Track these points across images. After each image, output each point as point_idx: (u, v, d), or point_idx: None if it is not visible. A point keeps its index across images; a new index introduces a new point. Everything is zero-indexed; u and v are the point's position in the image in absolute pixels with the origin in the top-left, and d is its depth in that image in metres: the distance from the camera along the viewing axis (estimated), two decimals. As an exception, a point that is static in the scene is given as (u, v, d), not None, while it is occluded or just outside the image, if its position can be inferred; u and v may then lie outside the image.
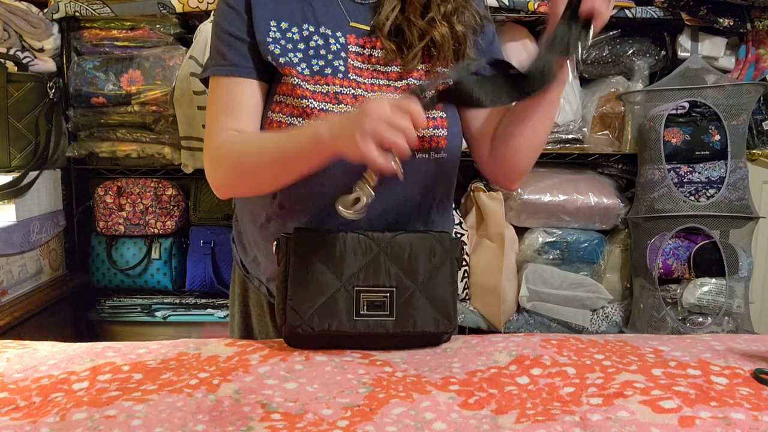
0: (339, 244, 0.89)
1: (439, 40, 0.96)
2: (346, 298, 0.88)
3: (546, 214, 1.95)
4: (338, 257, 0.89)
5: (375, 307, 0.89)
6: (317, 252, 0.89)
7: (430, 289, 0.90)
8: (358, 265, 0.89)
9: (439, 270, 0.91)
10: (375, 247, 0.90)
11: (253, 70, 0.96)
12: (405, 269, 0.90)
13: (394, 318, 0.88)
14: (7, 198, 1.68)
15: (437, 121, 0.97)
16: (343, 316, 0.88)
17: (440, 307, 0.90)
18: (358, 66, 0.97)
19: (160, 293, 2.04)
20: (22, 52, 1.84)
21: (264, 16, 0.95)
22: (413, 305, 0.89)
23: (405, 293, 0.89)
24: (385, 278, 0.89)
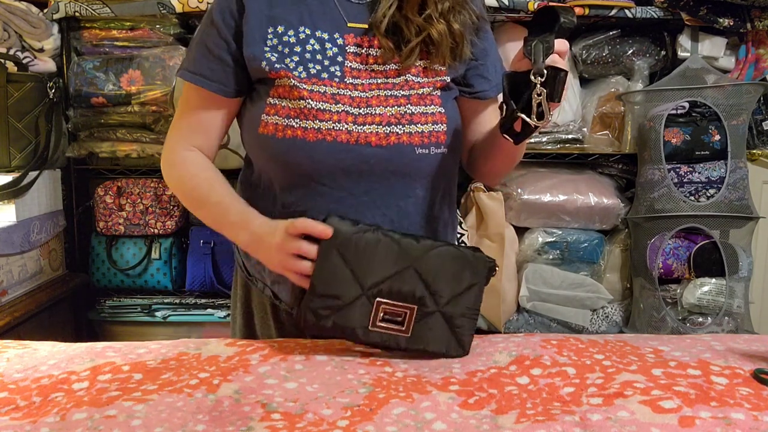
0: (369, 248, 0.86)
1: (437, 37, 0.96)
2: (365, 307, 0.86)
3: (546, 214, 1.95)
4: (366, 262, 0.85)
5: (392, 321, 0.86)
6: (346, 252, 0.86)
7: (451, 313, 0.87)
8: (384, 275, 0.86)
9: (465, 295, 0.88)
10: (406, 260, 0.86)
11: (224, 89, 1.00)
12: (432, 287, 0.86)
13: (409, 335, 0.86)
14: (7, 198, 1.68)
15: (436, 116, 0.97)
16: (358, 325, 0.86)
17: (457, 333, 0.88)
18: (355, 67, 0.97)
19: (160, 293, 2.04)
20: (22, 52, 1.84)
21: (260, 26, 0.96)
22: (431, 326, 0.87)
23: (425, 312, 0.86)
24: (409, 294, 0.86)
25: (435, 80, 0.98)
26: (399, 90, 0.97)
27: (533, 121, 0.84)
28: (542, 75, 0.82)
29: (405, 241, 0.87)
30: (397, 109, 0.96)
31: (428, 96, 0.98)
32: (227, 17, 0.98)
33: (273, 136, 0.94)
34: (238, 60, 0.98)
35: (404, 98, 0.96)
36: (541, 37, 0.84)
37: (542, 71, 0.82)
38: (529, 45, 0.84)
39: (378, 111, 0.95)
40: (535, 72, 0.82)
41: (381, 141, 0.94)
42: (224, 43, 0.98)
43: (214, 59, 0.99)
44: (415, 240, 0.87)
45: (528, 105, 0.84)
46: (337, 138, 0.93)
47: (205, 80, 0.99)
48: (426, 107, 0.97)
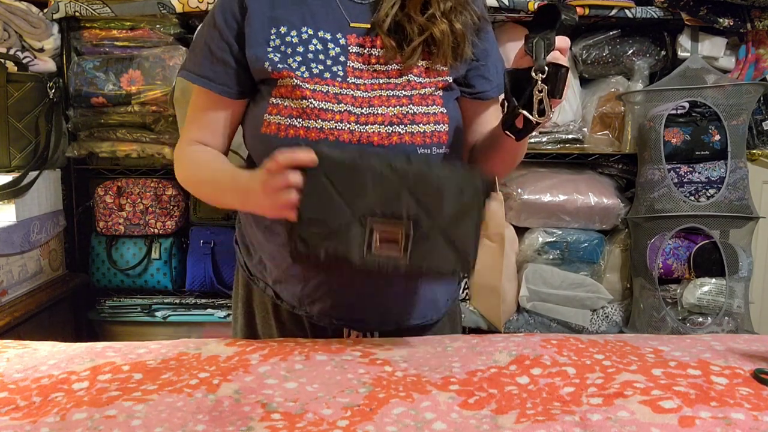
0: (359, 170, 0.82)
1: (439, 36, 0.96)
2: (358, 231, 0.82)
3: (546, 214, 1.95)
4: (355, 186, 0.82)
5: (388, 245, 0.82)
6: (334, 178, 0.82)
7: (451, 232, 0.83)
8: (376, 197, 0.82)
9: (465, 212, 0.83)
10: (398, 180, 0.82)
11: (227, 90, 1.01)
12: (427, 206, 0.82)
13: (408, 258, 0.82)
14: (7, 198, 1.68)
15: (438, 116, 0.97)
16: (353, 251, 0.82)
17: (460, 252, 0.83)
18: (357, 68, 0.97)
19: (160, 293, 2.04)
20: (22, 52, 1.84)
21: (263, 27, 0.96)
22: (430, 246, 0.82)
23: (423, 232, 0.82)
24: (403, 214, 0.82)
25: (437, 80, 0.99)
26: (401, 90, 0.97)
27: (535, 118, 0.84)
28: (543, 72, 0.82)
29: (396, 161, 0.84)
30: (399, 109, 0.96)
31: (430, 96, 0.98)
32: (229, 19, 0.98)
33: (275, 136, 0.95)
34: (241, 61, 0.99)
35: (406, 98, 0.96)
36: (542, 34, 0.84)
37: (543, 68, 0.82)
38: (531, 42, 0.84)
39: (380, 111, 0.95)
40: (536, 69, 0.82)
41: (383, 141, 0.94)
42: (226, 45, 0.99)
43: (217, 61, 0.99)
44: (406, 160, 0.84)
45: (529, 102, 0.84)
46: (339, 138, 0.93)
47: (209, 82, 1.00)
48: (428, 107, 0.97)
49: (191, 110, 1.06)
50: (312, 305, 1.03)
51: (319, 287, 1.02)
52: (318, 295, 1.02)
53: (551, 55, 0.83)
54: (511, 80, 0.87)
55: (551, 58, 0.83)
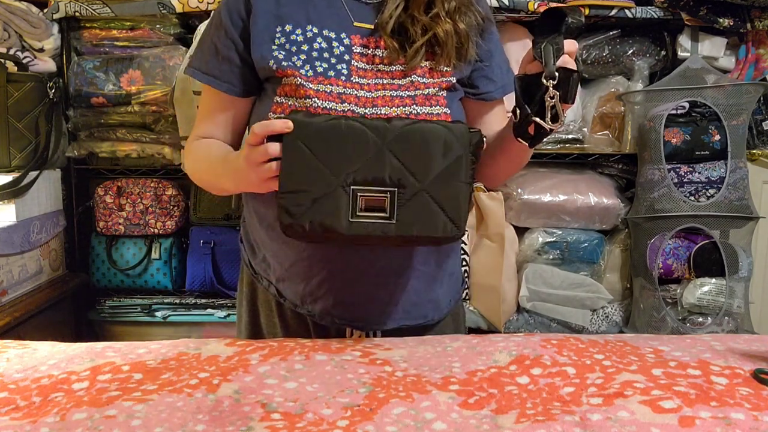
0: (337, 135, 0.80)
1: (443, 36, 0.96)
2: (342, 198, 0.80)
3: (546, 214, 1.95)
4: (335, 151, 0.80)
5: (374, 209, 0.80)
6: (312, 144, 0.81)
7: (439, 190, 0.80)
8: (357, 161, 0.80)
9: (452, 169, 0.81)
10: (379, 141, 0.80)
11: (233, 89, 1.02)
12: (412, 165, 0.80)
13: (396, 221, 0.80)
14: (7, 198, 1.68)
15: (441, 117, 0.98)
16: (339, 218, 0.80)
17: (450, 210, 0.81)
18: (362, 67, 0.97)
19: (160, 293, 2.04)
20: (22, 52, 1.84)
21: (268, 25, 0.97)
22: (418, 207, 0.80)
23: (409, 193, 0.80)
24: (387, 176, 0.80)
25: (440, 81, 0.99)
26: (405, 91, 0.97)
27: (548, 125, 0.83)
28: (554, 78, 0.81)
29: (374, 123, 0.82)
30: (402, 109, 0.96)
31: (434, 97, 0.98)
32: (235, 17, 0.99)
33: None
34: (246, 60, 0.99)
35: (410, 99, 0.96)
36: (550, 39, 0.83)
37: (554, 74, 0.81)
38: (539, 47, 0.83)
39: (383, 111, 0.95)
40: (547, 75, 0.81)
41: None
42: (232, 43, 0.99)
43: (222, 60, 1.00)
44: (385, 121, 0.82)
45: (541, 108, 0.83)
46: None
47: (214, 80, 1.02)
48: (431, 108, 0.97)
49: (200, 107, 1.08)
50: (314, 303, 1.04)
51: (320, 285, 1.02)
52: (320, 293, 1.02)
53: (561, 59, 0.82)
54: (521, 86, 0.86)
55: (561, 62, 0.82)
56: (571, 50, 0.85)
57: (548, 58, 0.82)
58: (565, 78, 0.82)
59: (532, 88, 0.84)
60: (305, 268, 1.02)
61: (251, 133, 0.85)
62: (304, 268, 1.02)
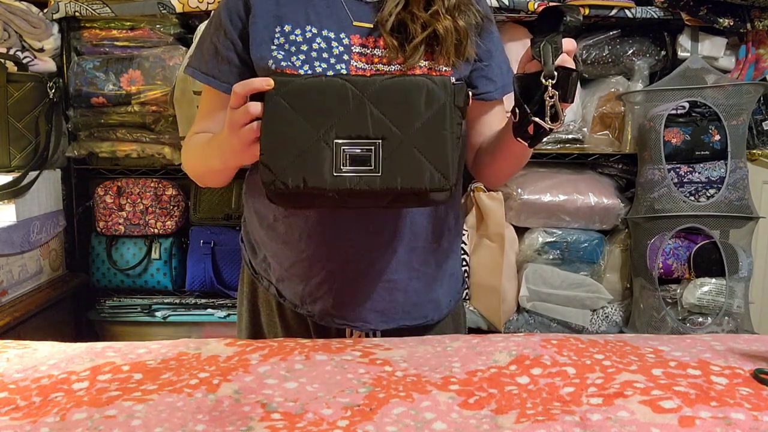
0: (318, 91, 0.79)
1: (442, 33, 0.96)
2: (325, 152, 0.78)
3: (546, 214, 1.95)
4: (316, 106, 0.79)
5: (358, 162, 0.78)
6: (293, 100, 0.79)
7: (424, 140, 0.78)
8: (339, 114, 0.79)
9: (436, 118, 0.79)
10: (359, 94, 0.79)
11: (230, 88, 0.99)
12: (394, 117, 0.78)
13: (380, 173, 0.78)
14: (7, 198, 1.68)
15: None
16: (322, 172, 0.78)
17: (436, 160, 0.78)
18: (361, 67, 0.97)
19: (160, 293, 2.04)
20: (22, 52, 1.84)
21: (267, 25, 0.97)
22: (403, 158, 0.78)
23: (394, 144, 0.78)
24: (370, 128, 0.78)
25: None
26: None
27: (548, 124, 0.83)
28: (553, 77, 0.81)
29: (355, 78, 0.81)
30: None
31: None
32: (234, 18, 0.99)
33: None
34: (246, 60, 0.99)
35: None
36: (549, 38, 0.83)
37: (553, 73, 0.81)
38: (537, 46, 0.83)
39: None
40: (546, 75, 0.81)
41: None
42: (231, 44, 0.99)
43: (222, 60, 1.00)
44: (366, 77, 0.81)
45: (540, 107, 0.83)
46: None
47: (213, 80, 1.02)
48: None
49: (200, 106, 1.08)
50: (314, 304, 1.04)
51: (320, 286, 1.02)
52: (319, 294, 1.02)
53: (560, 58, 0.82)
54: (520, 86, 0.86)
55: (560, 61, 0.82)
56: (570, 49, 0.84)
57: (547, 57, 0.81)
58: (564, 77, 0.82)
59: (531, 88, 0.84)
60: (305, 269, 1.02)
61: (232, 94, 0.83)
62: (303, 268, 1.02)
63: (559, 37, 0.83)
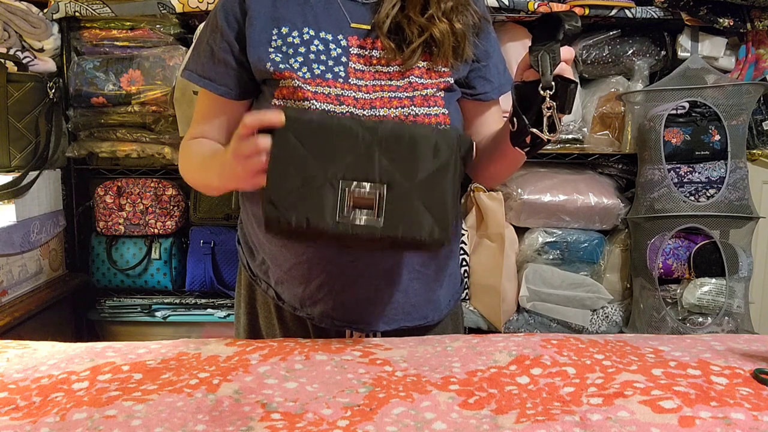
0: (328, 131, 0.80)
1: (439, 36, 0.96)
2: (330, 194, 0.78)
3: (546, 214, 1.95)
4: (325, 146, 0.79)
5: (362, 207, 0.78)
6: (303, 138, 0.79)
7: (427, 192, 0.79)
8: (347, 157, 0.79)
9: (441, 171, 0.80)
10: (370, 139, 0.79)
11: (229, 91, 1.01)
12: (401, 165, 0.79)
13: (382, 222, 0.78)
14: (7, 198, 1.68)
15: (440, 117, 0.97)
16: (325, 214, 0.78)
17: (437, 213, 0.79)
18: (359, 69, 0.97)
19: (160, 293, 2.04)
20: (22, 52, 1.84)
21: (264, 28, 0.96)
22: (405, 208, 0.79)
23: (398, 193, 0.79)
24: (376, 174, 0.79)
25: (438, 81, 0.98)
26: (403, 92, 0.97)
27: (545, 135, 0.82)
28: (551, 88, 0.80)
29: (366, 122, 0.81)
30: (401, 110, 0.96)
31: (432, 97, 0.98)
32: (231, 20, 0.99)
33: None
34: (243, 62, 0.99)
35: (408, 99, 0.96)
36: (547, 47, 0.81)
37: (551, 84, 0.80)
38: (535, 55, 0.82)
39: (382, 112, 0.95)
40: (544, 86, 0.80)
41: None
42: (228, 45, 0.99)
43: (219, 63, 1.00)
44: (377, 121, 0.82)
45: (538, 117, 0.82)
46: None
47: (210, 83, 1.01)
48: (429, 108, 0.97)
49: (196, 108, 1.08)
50: (313, 307, 1.03)
51: (320, 289, 1.02)
52: (319, 296, 1.02)
53: (558, 68, 0.81)
54: (518, 95, 0.85)
55: (558, 71, 0.81)
56: (568, 57, 0.84)
57: (545, 67, 0.80)
58: (563, 88, 0.81)
59: (529, 97, 0.83)
60: (304, 271, 1.01)
61: (242, 125, 0.82)
62: (303, 270, 1.02)
63: (557, 45, 0.82)
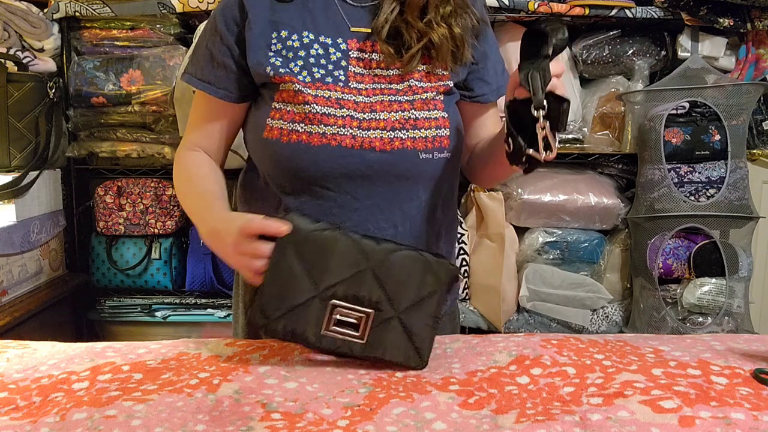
0: (327, 248, 0.82)
1: (438, 41, 0.96)
2: (318, 310, 0.81)
3: (546, 214, 1.95)
4: (322, 263, 0.82)
5: (347, 326, 0.82)
6: (301, 252, 0.82)
7: (410, 321, 0.83)
8: (340, 277, 0.82)
9: (425, 302, 0.83)
10: (365, 262, 0.82)
11: (228, 95, 1.01)
12: (390, 292, 0.82)
13: (365, 342, 0.82)
14: (7, 198, 1.68)
15: (439, 121, 0.97)
16: (310, 328, 0.81)
17: (416, 342, 0.83)
18: (359, 72, 0.97)
19: (160, 293, 2.04)
20: (22, 52, 1.84)
21: (264, 31, 0.96)
22: (387, 333, 0.82)
23: (382, 318, 0.82)
24: (365, 298, 0.82)
25: (438, 85, 0.98)
26: (403, 95, 0.97)
27: (542, 155, 0.81)
28: (543, 107, 0.79)
29: (365, 242, 0.83)
30: (401, 114, 0.96)
31: (431, 101, 0.98)
32: (230, 24, 0.98)
33: (278, 141, 0.95)
34: (242, 66, 0.99)
35: (408, 103, 0.96)
36: (536, 65, 0.80)
37: (543, 103, 0.79)
38: (525, 74, 0.81)
39: (382, 116, 0.95)
40: (536, 105, 0.79)
41: (385, 146, 0.94)
42: (228, 49, 0.99)
43: (218, 66, 1.00)
44: (375, 242, 0.84)
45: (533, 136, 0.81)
46: (341, 143, 0.93)
47: (209, 86, 1.01)
48: (429, 112, 0.97)
49: (193, 112, 1.07)
50: None
51: None
52: None
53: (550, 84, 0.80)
54: (510, 114, 0.85)
55: (550, 87, 0.80)
56: (558, 72, 0.82)
57: (536, 87, 0.79)
58: (556, 107, 0.80)
59: (522, 116, 0.82)
60: None
61: (247, 226, 0.84)
62: None
63: (546, 62, 0.80)
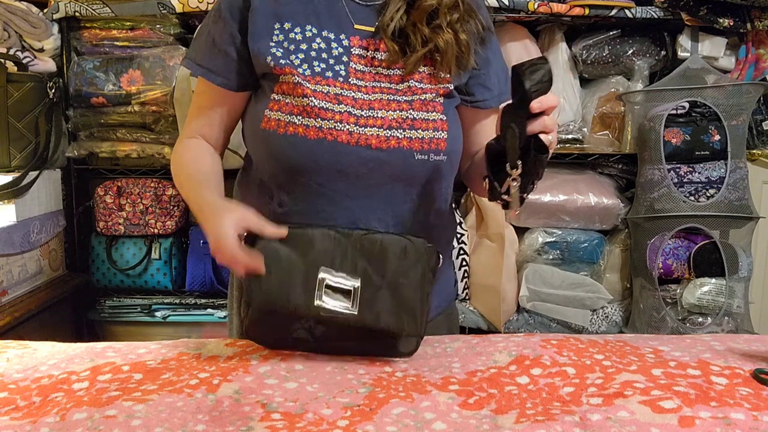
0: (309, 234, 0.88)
1: (443, 46, 0.96)
2: (308, 280, 0.85)
3: (546, 214, 1.95)
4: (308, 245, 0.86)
5: (337, 296, 0.85)
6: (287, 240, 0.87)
7: (397, 289, 0.86)
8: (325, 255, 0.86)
9: (410, 272, 0.87)
10: (344, 241, 0.87)
11: (228, 83, 1.01)
12: (373, 265, 0.86)
13: (356, 311, 0.85)
14: (7, 198, 1.68)
15: (437, 123, 0.97)
16: (302, 298, 0.84)
17: (407, 308, 0.86)
18: (360, 69, 0.97)
19: (160, 293, 2.04)
20: (22, 52, 1.84)
21: (267, 22, 0.97)
22: (378, 301, 0.86)
23: (370, 288, 0.86)
24: (352, 268, 0.86)
25: (438, 87, 0.98)
26: (402, 95, 0.97)
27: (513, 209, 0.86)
28: (516, 167, 0.80)
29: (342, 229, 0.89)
30: (399, 113, 0.96)
31: (431, 102, 0.98)
32: (234, 11, 0.99)
33: (274, 132, 0.95)
34: (243, 54, 0.99)
35: (407, 103, 0.96)
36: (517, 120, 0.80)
37: (516, 164, 0.80)
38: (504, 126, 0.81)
39: (380, 114, 0.95)
40: (510, 165, 0.80)
41: (381, 144, 0.94)
42: (230, 37, 0.99)
43: (219, 53, 1.00)
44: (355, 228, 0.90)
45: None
46: (337, 138, 0.93)
47: (209, 73, 1.01)
48: (428, 113, 0.97)
49: (194, 100, 1.07)
50: None
51: None
52: None
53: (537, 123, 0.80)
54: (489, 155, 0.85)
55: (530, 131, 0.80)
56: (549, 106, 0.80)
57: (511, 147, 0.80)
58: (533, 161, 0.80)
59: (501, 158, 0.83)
60: None
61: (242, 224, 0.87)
62: None
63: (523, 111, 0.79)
